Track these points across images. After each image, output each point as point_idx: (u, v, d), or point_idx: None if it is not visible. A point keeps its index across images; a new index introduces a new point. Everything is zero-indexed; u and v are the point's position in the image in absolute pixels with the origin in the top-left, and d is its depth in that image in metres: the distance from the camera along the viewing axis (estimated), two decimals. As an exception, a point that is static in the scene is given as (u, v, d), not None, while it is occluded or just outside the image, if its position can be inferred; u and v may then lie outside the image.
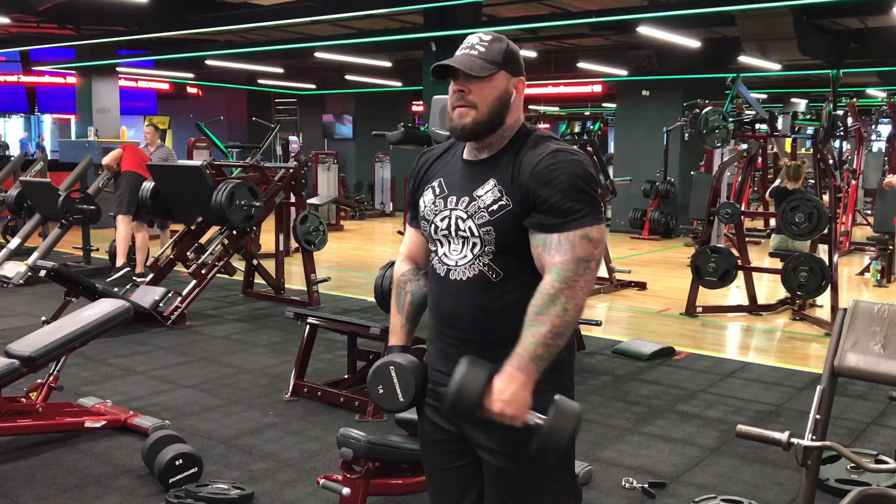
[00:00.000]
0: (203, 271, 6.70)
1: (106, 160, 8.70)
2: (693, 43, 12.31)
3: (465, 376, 1.69)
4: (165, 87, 19.80)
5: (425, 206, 1.89)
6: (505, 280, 1.79)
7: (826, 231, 6.68)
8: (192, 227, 7.10)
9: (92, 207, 8.39)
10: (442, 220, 1.85)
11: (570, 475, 1.92)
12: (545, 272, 1.73)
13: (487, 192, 1.79)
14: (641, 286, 8.48)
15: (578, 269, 1.71)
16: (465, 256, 1.82)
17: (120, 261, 8.29)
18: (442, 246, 1.86)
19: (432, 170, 1.94)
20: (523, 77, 1.85)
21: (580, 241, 1.72)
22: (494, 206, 1.77)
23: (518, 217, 1.76)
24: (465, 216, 1.81)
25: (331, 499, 3.10)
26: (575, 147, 1.86)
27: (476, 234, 1.79)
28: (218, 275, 6.92)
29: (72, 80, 15.82)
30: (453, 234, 1.83)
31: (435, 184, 1.90)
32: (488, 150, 1.84)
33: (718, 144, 7.50)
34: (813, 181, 8.10)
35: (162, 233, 8.91)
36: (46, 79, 18.76)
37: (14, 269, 7.93)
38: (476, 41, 1.81)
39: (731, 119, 7.47)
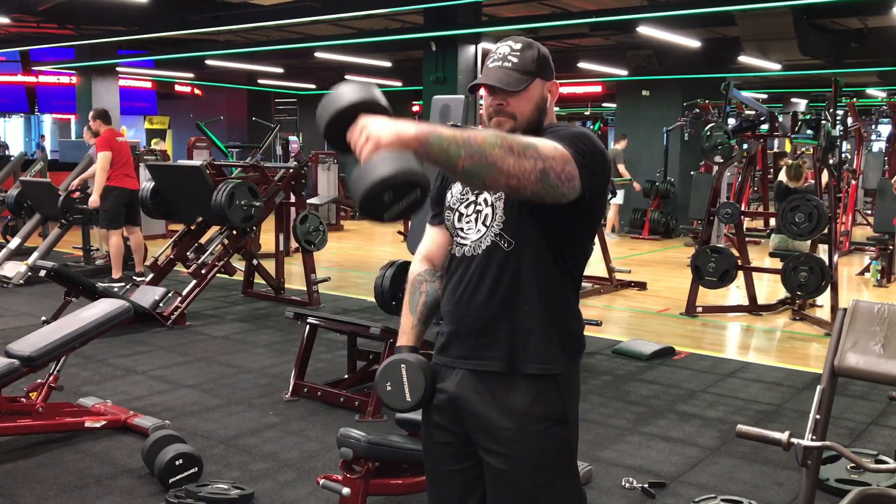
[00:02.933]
0: (203, 271, 6.70)
1: (101, 174, 7.86)
2: (693, 43, 12.32)
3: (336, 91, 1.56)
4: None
5: (452, 196, 1.91)
6: (516, 248, 1.80)
7: (826, 231, 6.68)
8: (192, 227, 7.10)
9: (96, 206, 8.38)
10: (467, 206, 1.87)
11: (574, 477, 1.91)
12: None
13: None
14: (641, 286, 8.47)
15: (540, 151, 1.60)
16: (479, 231, 1.83)
17: (116, 273, 8.05)
18: (463, 232, 1.88)
19: None
20: (555, 79, 1.87)
21: (560, 150, 1.65)
22: None
23: None
24: (483, 192, 1.84)
25: (331, 499, 3.10)
26: None
27: (489, 202, 1.82)
28: (218, 275, 6.92)
29: (71, 79, 15.84)
30: (472, 213, 1.85)
31: None
32: None
33: (720, 161, 7.49)
34: (813, 181, 8.10)
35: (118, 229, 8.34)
36: (44, 78, 18.79)
37: (14, 269, 7.93)
38: (507, 52, 1.81)
39: (733, 137, 7.44)
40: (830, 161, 7.20)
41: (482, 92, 1.87)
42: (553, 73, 1.86)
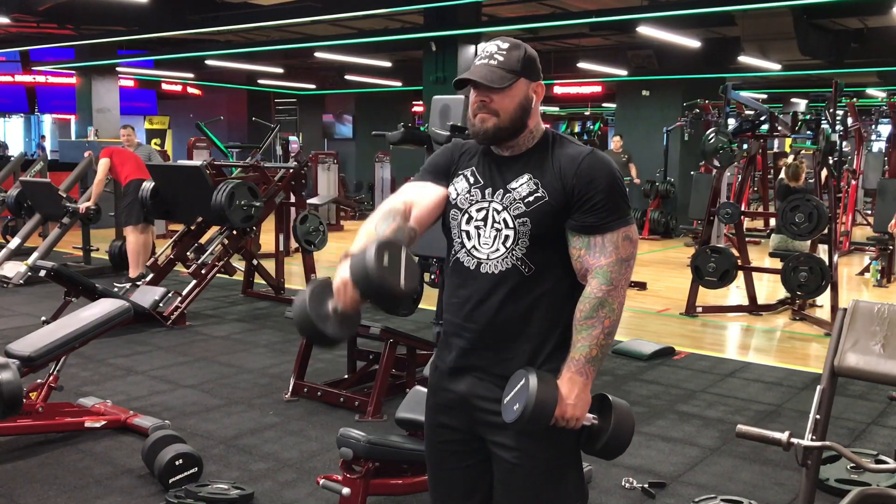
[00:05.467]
0: (203, 271, 6.69)
1: (98, 177, 8.15)
2: (693, 43, 12.32)
3: (540, 391, 1.71)
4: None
5: (458, 195, 1.89)
6: (536, 274, 1.81)
7: (826, 231, 6.68)
8: (192, 227, 7.10)
9: (93, 208, 8.38)
10: (478, 210, 1.85)
11: (579, 473, 1.92)
12: (589, 274, 1.79)
13: (522, 185, 1.82)
14: (641, 286, 8.47)
15: (622, 269, 1.79)
16: (498, 250, 1.82)
17: (134, 272, 7.93)
18: (470, 239, 1.85)
19: (465, 158, 1.94)
20: (542, 80, 1.88)
21: (622, 241, 1.79)
22: (530, 198, 1.80)
23: (554, 210, 1.79)
24: (500, 208, 1.83)
25: (331, 499, 3.10)
26: None
27: (511, 225, 1.81)
28: (218, 275, 6.92)
29: (71, 80, 15.84)
30: (488, 225, 1.83)
31: (468, 172, 1.90)
32: (516, 149, 1.87)
33: (719, 165, 7.48)
34: (812, 180, 8.11)
35: (145, 228, 8.59)
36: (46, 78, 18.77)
37: (14, 269, 7.92)
38: (494, 50, 1.82)
39: (734, 140, 7.44)
40: (830, 161, 7.20)
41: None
42: (540, 74, 1.87)
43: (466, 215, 1.87)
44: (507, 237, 1.81)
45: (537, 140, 1.87)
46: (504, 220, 1.82)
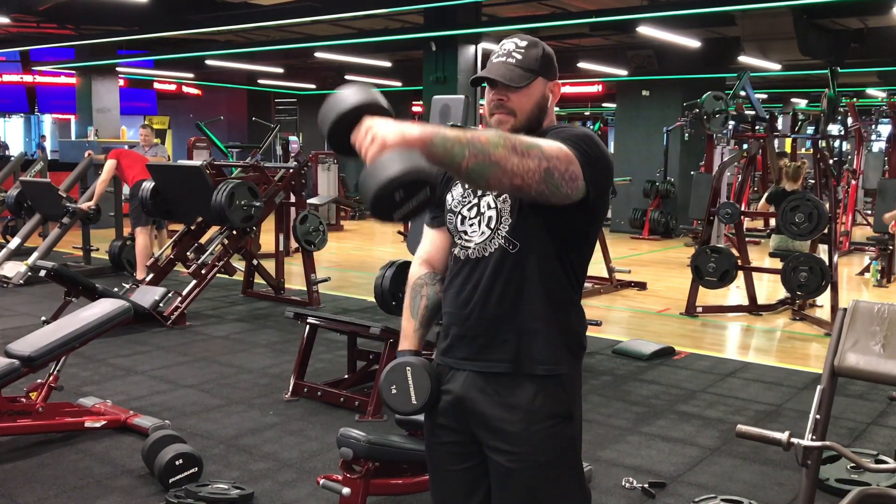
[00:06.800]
0: (203, 271, 6.69)
1: (103, 177, 8.25)
2: (693, 43, 12.32)
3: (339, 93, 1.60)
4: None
5: (453, 199, 1.90)
6: (522, 250, 1.79)
7: (826, 231, 6.69)
8: (192, 227, 7.10)
9: (93, 207, 8.38)
10: (470, 209, 1.86)
11: (579, 476, 1.91)
12: None
13: None
14: (641, 286, 8.47)
15: (544, 151, 1.60)
16: (484, 233, 1.82)
17: (140, 274, 7.86)
18: (464, 236, 1.87)
19: None
20: (558, 80, 1.88)
21: (563, 150, 1.64)
22: None
23: None
24: (487, 195, 1.83)
25: (331, 499, 3.10)
26: None
27: (493, 205, 1.81)
28: (218, 275, 6.92)
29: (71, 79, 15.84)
30: (475, 217, 1.84)
31: None
32: None
33: (715, 128, 7.51)
34: (813, 181, 8.11)
35: (159, 233, 8.83)
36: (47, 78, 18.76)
37: (14, 269, 7.93)
38: (512, 48, 1.82)
39: (731, 104, 7.48)
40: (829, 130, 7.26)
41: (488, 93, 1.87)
42: (556, 73, 1.87)
43: (459, 216, 1.88)
44: (490, 218, 1.82)
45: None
46: (488, 203, 1.82)
